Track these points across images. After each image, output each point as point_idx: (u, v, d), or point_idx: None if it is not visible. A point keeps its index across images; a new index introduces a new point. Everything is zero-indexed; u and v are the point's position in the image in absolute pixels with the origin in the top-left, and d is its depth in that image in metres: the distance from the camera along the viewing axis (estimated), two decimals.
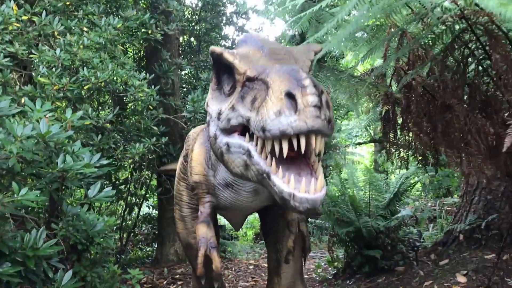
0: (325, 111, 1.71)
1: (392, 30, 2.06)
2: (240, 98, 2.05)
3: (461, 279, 4.15)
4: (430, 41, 2.01)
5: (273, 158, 1.88)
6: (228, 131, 2.15)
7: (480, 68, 1.96)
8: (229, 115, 2.11)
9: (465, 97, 2.09)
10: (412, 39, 1.93)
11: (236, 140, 2.10)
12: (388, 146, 2.56)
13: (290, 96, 1.72)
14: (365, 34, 2.62)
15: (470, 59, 1.91)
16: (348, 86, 2.53)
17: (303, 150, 1.75)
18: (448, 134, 1.92)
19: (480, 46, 1.80)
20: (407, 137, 2.50)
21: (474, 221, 4.80)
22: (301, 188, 1.77)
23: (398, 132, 2.57)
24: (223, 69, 2.28)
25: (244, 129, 2.06)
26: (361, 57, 2.02)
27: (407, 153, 2.52)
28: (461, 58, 1.85)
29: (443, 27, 1.93)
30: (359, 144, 16.19)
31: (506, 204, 4.73)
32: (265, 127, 1.78)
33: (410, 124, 2.23)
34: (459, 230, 4.93)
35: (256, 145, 1.97)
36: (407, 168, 2.85)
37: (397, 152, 2.57)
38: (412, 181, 5.81)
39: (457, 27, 1.77)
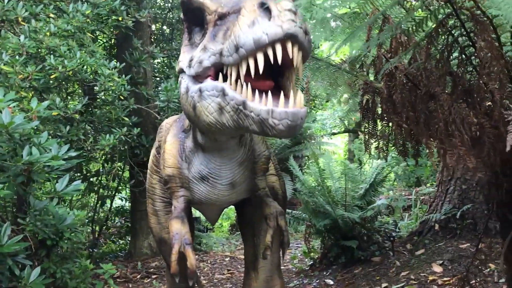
0: (301, 20, 1.62)
1: (374, 15, 1.98)
2: (212, 37, 1.97)
3: (437, 268, 4.16)
4: (413, 27, 1.93)
5: (248, 87, 1.80)
6: (201, 76, 2.05)
7: (463, 56, 1.91)
8: (201, 56, 2.01)
9: (448, 86, 2.04)
10: (395, 25, 1.85)
11: (209, 83, 2.00)
12: (367, 137, 2.50)
13: (263, 6, 1.63)
14: (340, 24, 2.54)
15: (453, 46, 1.85)
16: (327, 74, 2.45)
17: (279, 59, 1.64)
18: (431, 124, 1.86)
19: (465, 33, 1.74)
20: (386, 128, 2.43)
21: (449, 211, 4.83)
22: (280, 104, 1.68)
23: (378, 122, 2.50)
24: (194, 21, 2.18)
25: (216, 72, 1.96)
26: (338, 44, 1.94)
27: (387, 144, 2.46)
28: (445, 45, 1.79)
29: (427, 13, 1.86)
30: (334, 134, 16.27)
31: (480, 194, 4.77)
32: (238, 44, 1.69)
33: (390, 115, 2.16)
34: (434, 220, 4.95)
35: (230, 83, 1.88)
36: (386, 159, 2.80)
37: (376, 143, 2.51)
38: (387, 172, 5.81)
39: (441, 12, 1.70)
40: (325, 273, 5.22)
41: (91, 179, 6.81)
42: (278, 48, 1.62)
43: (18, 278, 2.74)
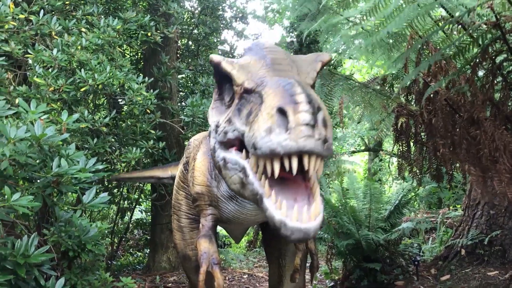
0: (320, 130, 1.55)
1: (413, 39, 1.95)
2: (237, 111, 1.94)
3: None
4: (452, 52, 1.90)
5: (267, 179, 1.75)
6: (226, 144, 2.04)
7: (506, 81, 1.86)
8: (226, 128, 2.00)
9: (489, 113, 1.99)
10: (435, 50, 1.82)
11: (233, 156, 1.98)
12: (400, 160, 2.45)
13: (282, 112, 1.58)
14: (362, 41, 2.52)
15: (497, 72, 1.80)
16: (361, 95, 2.42)
17: (294, 172, 1.60)
18: (471, 150, 1.81)
19: (510, 58, 1.70)
20: (421, 152, 2.39)
21: (476, 236, 4.72)
22: (293, 216, 1.61)
23: (412, 145, 2.46)
24: (224, 79, 2.15)
25: (242, 143, 1.92)
26: (380, 64, 1.91)
27: (420, 168, 2.41)
28: (489, 71, 1.75)
29: (468, 39, 1.82)
30: (354, 152, 16.15)
31: (510, 220, 4.65)
32: (255, 145, 1.64)
33: (428, 139, 2.12)
34: (460, 245, 4.83)
35: (252, 164, 1.83)
36: (420, 184, 2.74)
37: (410, 166, 2.46)
38: (412, 194, 5.71)
39: (487, 36, 1.67)
40: None
41: (113, 191, 6.84)
42: (294, 161, 1.58)
43: None
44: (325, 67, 2.19)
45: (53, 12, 4.57)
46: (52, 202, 3.00)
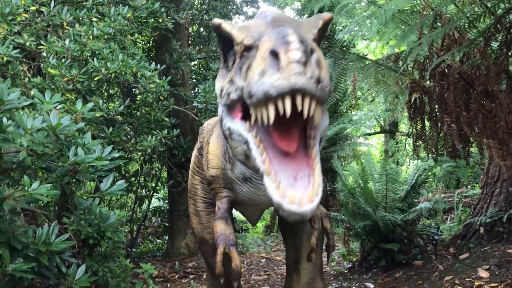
0: (313, 68, 1.53)
1: (425, 13, 1.92)
2: (238, 70, 1.92)
3: (484, 274, 4.02)
4: (466, 24, 1.86)
5: (269, 155, 1.75)
6: (230, 107, 2.01)
7: None
8: (229, 89, 1.97)
9: (502, 85, 1.95)
10: (448, 22, 1.79)
11: (237, 126, 1.95)
12: (415, 137, 2.42)
13: (274, 54, 1.56)
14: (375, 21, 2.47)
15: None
16: (373, 73, 2.39)
17: (288, 113, 1.56)
18: (488, 124, 1.78)
19: None
20: (436, 128, 2.36)
21: (495, 214, 4.66)
22: (289, 198, 1.60)
23: (426, 122, 2.43)
24: (227, 44, 2.14)
25: (245, 105, 1.88)
26: (394, 43, 1.88)
27: (436, 145, 2.38)
28: (503, 43, 1.71)
29: (483, 9, 1.78)
30: (370, 134, 16.05)
31: None
32: (250, 92, 1.63)
33: (441, 114, 2.09)
34: (479, 223, 4.79)
35: (256, 136, 1.82)
36: (436, 161, 2.71)
37: (425, 144, 2.43)
38: (428, 173, 5.66)
39: (501, 7, 1.63)
40: (365, 276, 5.12)
41: (130, 179, 6.92)
42: (287, 102, 1.55)
43: (65, 275, 2.80)
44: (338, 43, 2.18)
45: (63, 3, 4.59)
46: (71, 190, 3.05)
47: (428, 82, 2.35)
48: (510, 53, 1.81)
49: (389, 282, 4.68)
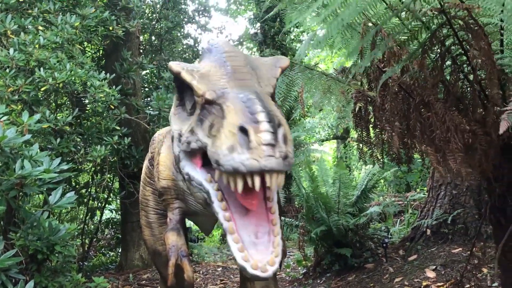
0: (281, 147, 1.59)
1: (366, 26, 2.00)
2: (199, 121, 1.93)
3: (431, 274, 4.19)
4: (406, 38, 1.96)
5: (230, 210, 1.80)
6: (190, 154, 2.04)
7: (456, 64, 1.94)
8: (189, 138, 1.99)
9: (440, 94, 2.07)
10: (388, 36, 1.88)
11: (197, 175, 1.99)
12: (360, 145, 2.51)
13: (243, 131, 1.61)
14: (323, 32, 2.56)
15: (446, 56, 1.87)
16: (321, 83, 2.47)
17: (257, 188, 1.63)
18: (426, 132, 1.88)
19: (457, 42, 1.77)
20: (380, 136, 2.46)
21: (440, 216, 4.87)
22: (252, 264, 1.65)
23: (371, 130, 2.52)
24: (184, 86, 2.15)
25: (205, 153, 1.90)
26: (345, 57, 1.95)
27: (381, 152, 2.48)
28: (438, 55, 1.82)
29: (419, 23, 1.89)
30: (323, 141, 16.36)
31: (471, 199, 4.83)
32: (218, 162, 1.66)
33: (382, 123, 2.18)
34: (426, 226, 4.99)
35: (217, 189, 1.87)
36: (382, 167, 2.82)
37: (370, 151, 2.53)
38: (377, 178, 5.84)
39: (435, 22, 1.73)
40: (319, 281, 5.22)
41: (81, 191, 6.74)
42: (256, 179, 1.61)
43: None
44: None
45: (7, 11, 4.45)
46: (17, 205, 2.95)
47: (373, 92, 2.45)
48: (445, 65, 1.92)
49: (342, 285, 4.79)
